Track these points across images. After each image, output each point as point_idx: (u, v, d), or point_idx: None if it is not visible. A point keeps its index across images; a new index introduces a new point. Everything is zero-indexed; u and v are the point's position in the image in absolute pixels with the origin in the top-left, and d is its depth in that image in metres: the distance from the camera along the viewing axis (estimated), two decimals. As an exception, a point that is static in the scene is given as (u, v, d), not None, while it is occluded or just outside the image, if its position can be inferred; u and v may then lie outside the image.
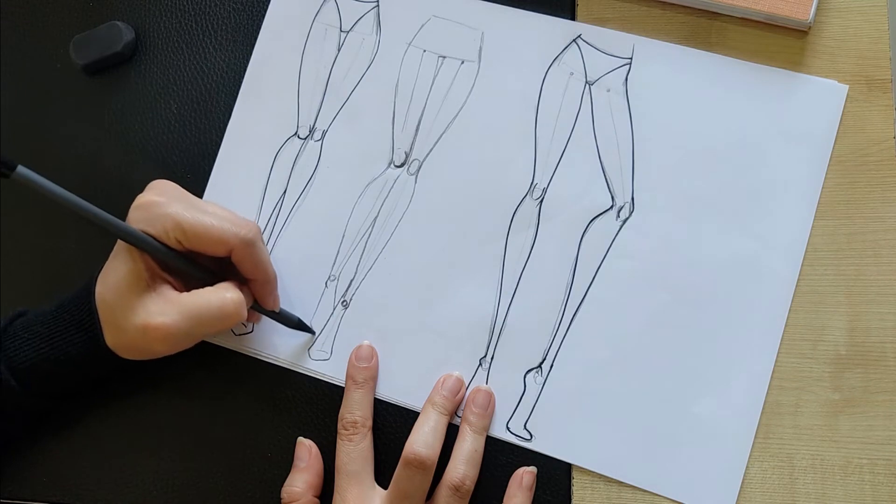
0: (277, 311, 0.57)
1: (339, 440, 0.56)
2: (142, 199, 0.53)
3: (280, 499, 0.56)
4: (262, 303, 0.56)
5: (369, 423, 0.56)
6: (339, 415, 0.56)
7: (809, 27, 0.58)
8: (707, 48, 0.59)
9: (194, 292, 0.53)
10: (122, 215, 0.52)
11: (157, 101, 0.63)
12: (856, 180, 0.57)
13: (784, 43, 0.59)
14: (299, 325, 0.58)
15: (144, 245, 0.52)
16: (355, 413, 0.56)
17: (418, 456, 0.53)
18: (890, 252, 0.56)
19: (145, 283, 0.52)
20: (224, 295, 0.53)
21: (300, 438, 0.57)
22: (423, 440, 0.53)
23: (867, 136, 0.57)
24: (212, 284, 0.54)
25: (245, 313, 0.53)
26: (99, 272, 0.54)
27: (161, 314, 0.51)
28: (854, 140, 0.57)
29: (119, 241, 0.53)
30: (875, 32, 0.59)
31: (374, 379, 0.57)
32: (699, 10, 0.60)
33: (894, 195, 0.57)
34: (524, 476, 0.55)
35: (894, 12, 0.60)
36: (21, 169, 0.48)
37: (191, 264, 0.54)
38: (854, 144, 0.57)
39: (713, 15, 0.60)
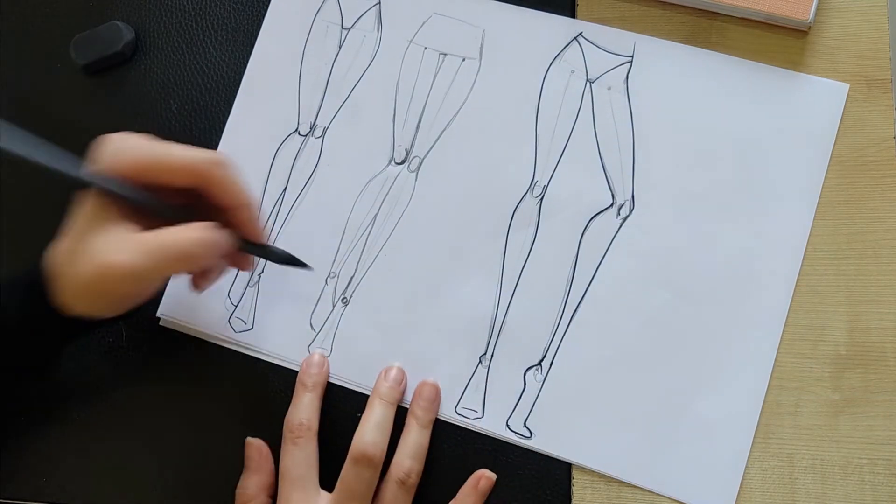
0: (264, 243, 0.55)
1: (284, 444, 0.55)
2: (101, 138, 0.50)
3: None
4: (246, 233, 0.53)
5: (315, 427, 0.55)
6: (286, 418, 0.56)
7: (809, 27, 0.58)
8: (707, 48, 0.59)
9: (157, 230, 0.49)
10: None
11: (157, 101, 0.63)
12: (856, 180, 0.57)
13: (784, 43, 0.59)
14: (290, 261, 0.56)
15: (103, 183, 0.49)
16: (303, 416, 0.55)
17: (366, 454, 0.52)
18: (890, 252, 0.56)
19: (103, 226, 0.49)
20: (188, 230, 0.49)
21: (248, 439, 0.57)
22: (370, 437, 0.53)
23: (867, 136, 0.57)
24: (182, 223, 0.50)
25: (213, 249, 0.50)
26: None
27: (119, 251, 0.48)
28: (854, 140, 0.57)
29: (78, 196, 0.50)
30: (875, 32, 0.59)
31: (322, 385, 0.57)
32: (699, 10, 0.60)
33: (894, 195, 0.57)
34: (482, 480, 0.55)
35: (894, 12, 0.60)
36: None
37: (154, 199, 0.50)
38: (854, 144, 0.57)
39: (713, 15, 0.60)
